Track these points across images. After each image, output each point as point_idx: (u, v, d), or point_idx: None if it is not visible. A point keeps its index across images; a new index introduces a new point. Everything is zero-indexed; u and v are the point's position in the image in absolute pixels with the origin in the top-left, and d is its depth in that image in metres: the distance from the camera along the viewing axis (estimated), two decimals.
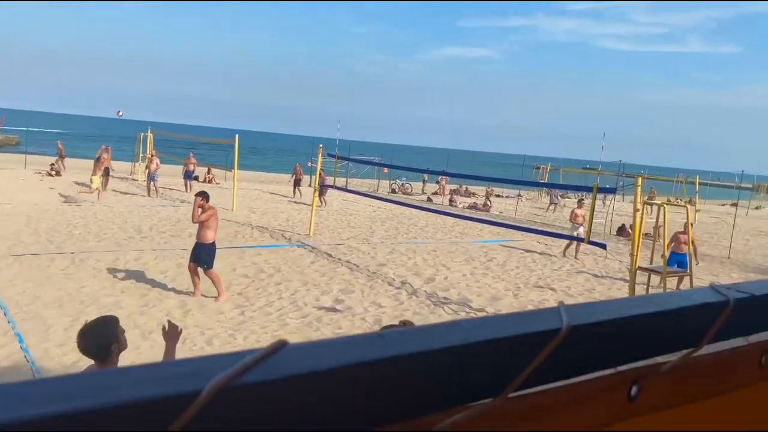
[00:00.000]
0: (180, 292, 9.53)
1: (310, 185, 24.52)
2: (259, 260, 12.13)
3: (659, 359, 0.70)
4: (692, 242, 12.56)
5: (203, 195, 9.70)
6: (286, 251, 13.35)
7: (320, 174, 21.38)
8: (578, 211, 16.67)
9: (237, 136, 20.27)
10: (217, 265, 11.36)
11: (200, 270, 9.39)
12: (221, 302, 9.11)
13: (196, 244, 9.59)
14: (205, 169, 28.43)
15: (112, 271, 10.51)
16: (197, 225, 9.64)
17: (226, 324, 8.23)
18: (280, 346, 0.44)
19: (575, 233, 15.74)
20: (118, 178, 25.60)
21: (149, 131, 27.08)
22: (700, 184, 34.97)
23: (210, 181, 27.50)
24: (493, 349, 0.55)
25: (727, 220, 25.00)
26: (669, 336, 0.70)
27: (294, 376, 0.44)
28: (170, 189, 23.60)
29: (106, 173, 20.67)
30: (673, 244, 12.47)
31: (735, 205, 32.58)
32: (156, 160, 22.63)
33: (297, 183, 25.76)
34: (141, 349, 7.17)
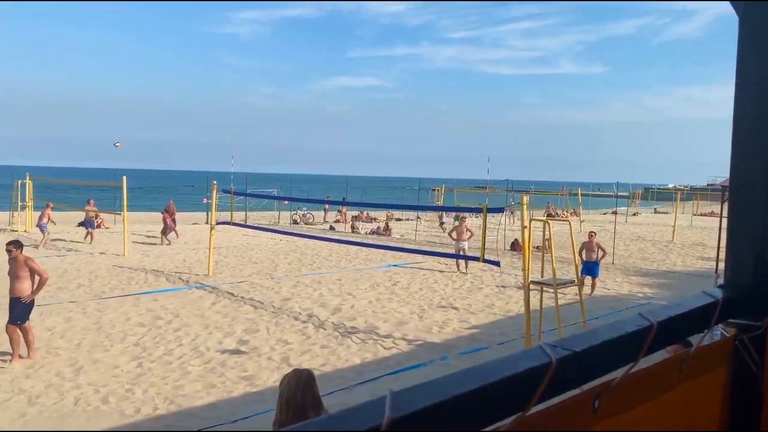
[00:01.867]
0: (68, 349, 8.92)
1: (207, 222, 23.80)
2: (156, 306, 11.62)
3: (492, 427, 0.77)
4: (600, 249, 13.73)
5: (16, 244, 8.63)
6: (185, 294, 12.87)
7: (170, 213, 21.23)
8: (459, 228, 17.23)
9: (125, 177, 19.42)
10: (111, 315, 10.82)
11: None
12: (28, 362, 8.22)
13: (13, 299, 8.48)
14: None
15: None
16: (13, 279, 8.53)
17: (122, 378, 7.79)
18: None
19: (459, 248, 16.54)
20: None
21: (27, 178, 25.33)
22: (582, 195, 37.39)
23: (99, 226, 26.04)
24: None
25: (608, 228, 26.87)
26: (499, 404, 0.77)
27: None
28: (56, 239, 22.11)
29: None
30: (584, 253, 13.56)
31: (615, 213, 35.16)
32: (48, 211, 20.94)
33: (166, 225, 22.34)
34: (28, 416, 6.63)
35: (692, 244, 25.42)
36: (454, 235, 17.38)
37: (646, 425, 1.10)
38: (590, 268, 13.59)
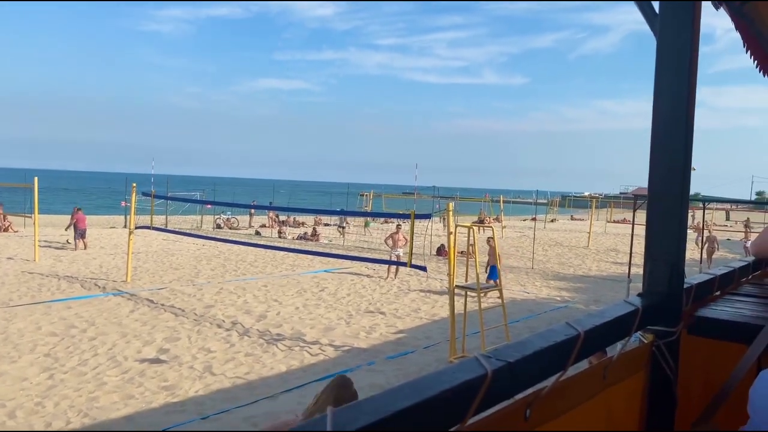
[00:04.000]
0: None
1: (125, 226, 22.86)
2: (69, 314, 11.03)
3: None
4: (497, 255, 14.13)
5: None
6: (101, 301, 12.29)
7: (77, 216, 20.26)
8: (396, 235, 17.34)
9: (36, 178, 18.34)
10: (19, 324, 10.17)
11: None
12: None
13: None
14: None
15: None
16: None
17: (31, 391, 7.33)
18: None
19: (394, 255, 16.55)
20: None
21: None
22: (504, 202, 38.56)
23: (6, 230, 24.49)
24: None
25: (528, 234, 27.83)
26: (439, 417, 0.78)
27: None
28: None
29: None
30: (489, 258, 14.09)
31: (534, 219, 36.46)
32: None
33: (76, 228, 20.64)
34: None
35: (606, 250, 26.72)
36: (390, 242, 17.41)
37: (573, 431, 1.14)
38: (491, 272, 14.32)
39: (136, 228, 15.54)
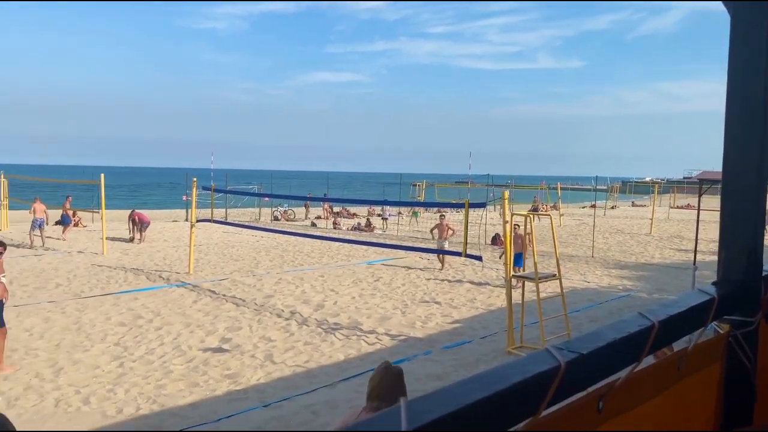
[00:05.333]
0: (47, 350, 8.78)
1: (186, 219, 23.59)
2: (136, 305, 11.48)
3: None
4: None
5: (3, 245, 8.31)
6: (165, 292, 12.74)
7: (136, 213, 21.10)
8: (441, 225, 17.13)
9: (102, 174, 19.12)
10: (91, 315, 10.67)
11: None
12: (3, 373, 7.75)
13: None
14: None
15: None
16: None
17: (103, 379, 7.69)
18: None
19: (440, 246, 16.41)
20: None
21: (1, 175, 24.83)
22: (561, 189, 37.72)
23: (76, 224, 25.68)
24: None
25: (588, 222, 27.12)
26: (511, 409, 0.77)
27: None
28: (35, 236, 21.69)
29: None
30: (515, 246, 13.27)
31: (593, 206, 35.53)
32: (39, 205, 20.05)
33: (134, 222, 21.44)
34: None
35: (670, 237, 25.78)
36: (435, 232, 17.31)
37: (647, 424, 1.11)
38: (516, 259, 13.26)
39: (198, 221, 16.01)
